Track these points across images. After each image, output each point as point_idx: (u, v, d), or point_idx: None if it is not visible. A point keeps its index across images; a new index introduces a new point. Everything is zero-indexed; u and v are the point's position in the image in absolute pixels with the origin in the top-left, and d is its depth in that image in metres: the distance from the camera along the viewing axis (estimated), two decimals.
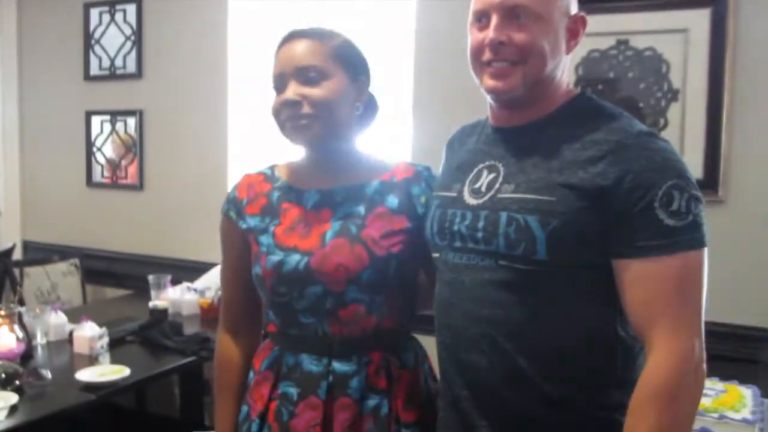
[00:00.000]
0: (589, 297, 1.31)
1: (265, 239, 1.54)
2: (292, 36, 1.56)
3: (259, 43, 3.88)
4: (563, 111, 1.40)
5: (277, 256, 1.51)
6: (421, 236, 1.52)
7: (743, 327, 2.65)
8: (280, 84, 1.53)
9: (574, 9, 1.39)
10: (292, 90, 1.50)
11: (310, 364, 1.51)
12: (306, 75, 1.50)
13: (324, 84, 1.49)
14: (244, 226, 1.59)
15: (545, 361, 1.32)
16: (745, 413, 2.12)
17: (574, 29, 1.39)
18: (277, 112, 1.54)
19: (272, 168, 1.67)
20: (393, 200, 1.56)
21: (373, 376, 1.51)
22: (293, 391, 1.51)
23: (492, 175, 1.40)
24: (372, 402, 1.50)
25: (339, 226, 1.52)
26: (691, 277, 1.24)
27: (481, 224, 1.36)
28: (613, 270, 1.28)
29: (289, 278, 1.49)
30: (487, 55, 1.36)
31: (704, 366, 1.24)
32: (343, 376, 1.49)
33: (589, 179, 1.27)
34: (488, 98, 1.44)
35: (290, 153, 1.65)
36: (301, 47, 1.52)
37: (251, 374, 1.62)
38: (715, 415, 2.10)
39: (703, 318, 1.26)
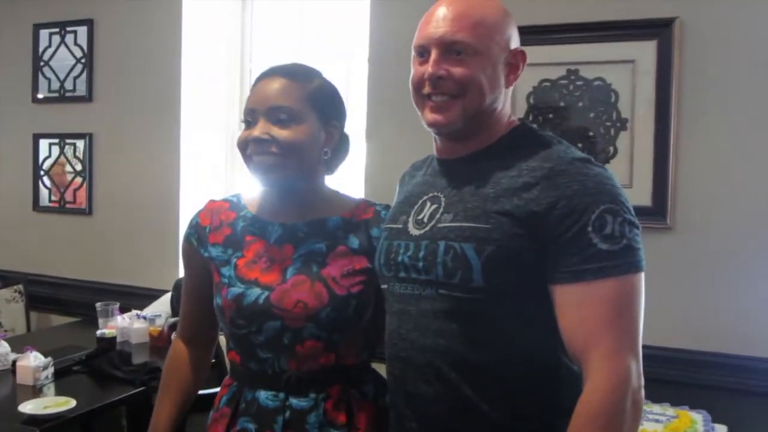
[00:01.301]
0: (528, 324, 1.32)
1: (226, 271, 1.55)
2: (271, 72, 1.56)
3: (213, 65, 3.88)
4: (503, 141, 1.43)
5: (238, 289, 1.51)
6: None
7: (693, 352, 2.69)
8: (250, 119, 1.53)
9: (514, 44, 1.43)
10: (261, 128, 1.50)
11: (266, 399, 1.51)
12: (277, 115, 1.50)
13: (293, 127, 1.50)
14: (206, 254, 1.59)
15: (490, 390, 1.32)
16: None
17: (514, 63, 1.43)
18: (243, 146, 1.53)
19: (238, 196, 1.67)
20: (354, 240, 1.58)
21: (331, 411, 1.50)
22: (251, 426, 1.51)
23: (434, 206, 1.43)
24: None
25: (300, 263, 1.53)
26: (626, 301, 1.24)
27: (421, 254, 1.38)
28: (550, 295, 1.29)
29: (249, 311, 1.49)
30: (426, 89, 1.40)
31: (642, 392, 1.23)
32: (300, 412, 1.49)
33: (522, 206, 1.29)
34: (431, 131, 1.45)
35: (243, 181, 1.65)
36: (276, 86, 1.52)
37: (210, 411, 1.62)
38: None
39: (640, 343, 1.25)
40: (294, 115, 1.50)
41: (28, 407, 2.28)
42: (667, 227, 2.73)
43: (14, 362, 2.70)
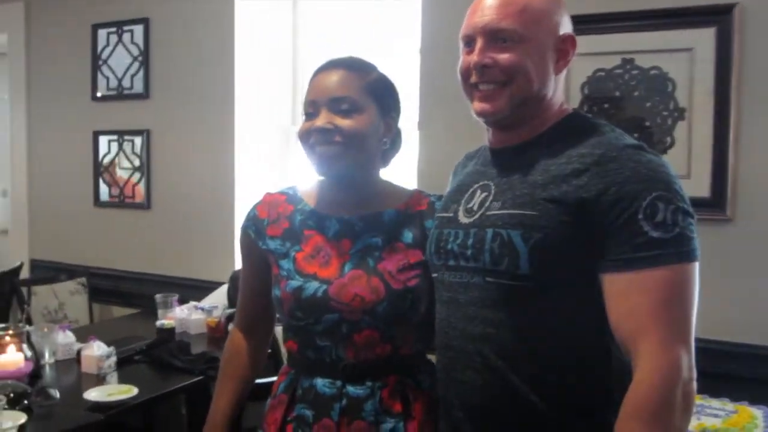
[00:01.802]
0: (576, 314, 1.31)
1: (285, 264, 1.57)
2: (330, 65, 1.58)
3: (266, 63, 3.92)
4: (555, 130, 1.42)
5: (297, 282, 1.54)
6: None
7: (753, 346, 2.62)
8: (311, 111, 1.55)
9: (563, 30, 1.41)
10: (324, 118, 1.52)
11: (323, 386, 1.53)
12: (339, 106, 1.52)
13: (355, 116, 1.52)
14: (264, 246, 1.62)
15: (537, 380, 1.31)
16: None
17: (564, 49, 1.41)
18: (306, 136, 1.55)
19: (294, 189, 1.70)
20: (408, 234, 1.59)
21: (387, 399, 1.52)
22: (308, 413, 1.53)
23: (484, 194, 1.43)
24: (387, 425, 1.51)
25: (357, 257, 1.55)
26: (677, 290, 1.22)
27: (470, 242, 1.38)
28: (599, 285, 1.27)
29: (307, 304, 1.52)
30: (473, 78, 1.40)
31: (693, 384, 1.21)
32: (357, 399, 1.51)
33: (571, 192, 1.28)
34: (481, 121, 1.45)
35: (297, 173, 1.67)
36: (336, 77, 1.55)
37: (268, 399, 1.65)
38: None
39: (692, 334, 1.23)
40: (355, 105, 1.52)
41: (92, 394, 2.36)
42: (726, 219, 2.67)
43: (79, 351, 2.78)
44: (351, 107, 1.52)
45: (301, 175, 3.88)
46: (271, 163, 4.03)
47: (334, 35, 3.92)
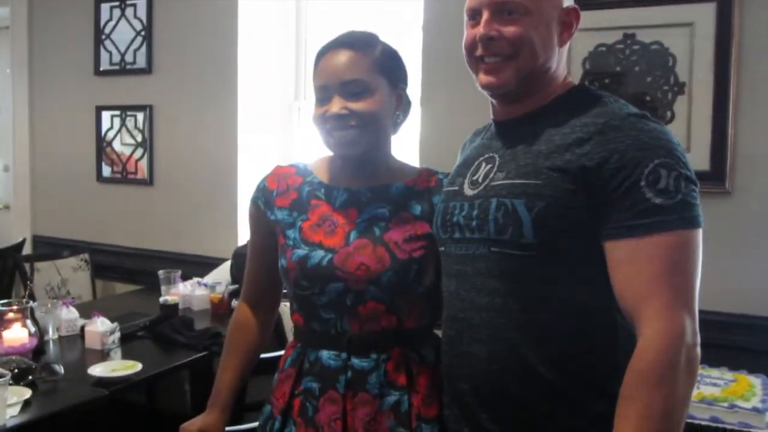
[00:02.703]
0: (582, 283, 1.32)
1: (291, 233, 1.58)
2: (334, 45, 1.57)
3: (269, 38, 3.91)
4: (558, 101, 1.42)
5: (302, 251, 1.55)
6: None
7: (752, 317, 2.65)
8: (323, 96, 1.55)
9: (567, 2, 1.41)
10: (338, 104, 1.52)
11: (329, 359, 1.54)
12: (350, 89, 1.52)
13: (368, 98, 1.53)
14: (272, 217, 1.63)
15: (545, 350, 1.32)
16: (755, 402, 2.15)
17: (568, 21, 1.41)
18: (321, 122, 1.55)
19: (305, 164, 1.70)
20: (416, 207, 1.60)
21: (392, 372, 1.53)
22: (315, 385, 1.55)
23: (488, 166, 1.43)
24: (392, 398, 1.52)
25: (364, 226, 1.56)
26: (680, 257, 1.22)
27: (475, 213, 1.38)
28: (603, 253, 1.27)
29: (313, 273, 1.53)
30: (479, 51, 1.40)
31: (697, 349, 1.21)
32: (361, 372, 1.52)
33: (574, 161, 1.28)
34: (486, 94, 1.46)
35: (301, 148, 1.68)
36: (344, 59, 1.54)
37: (276, 374, 1.66)
38: (725, 404, 2.12)
39: (696, 300, 1.23)
40: (367, 87, 1.52)
41: (97, 370, 2.38)
42: (725, 191, 2.68)
43: (83, 327, 2.80)
44: (363, 89, 1.52)
45: (305, 150, 3.89)
46: (274, 138, 4.03)
47: (338, 9, 3.90)
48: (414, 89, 3.20)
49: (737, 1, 2.63)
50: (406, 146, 3.30)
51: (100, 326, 2.70)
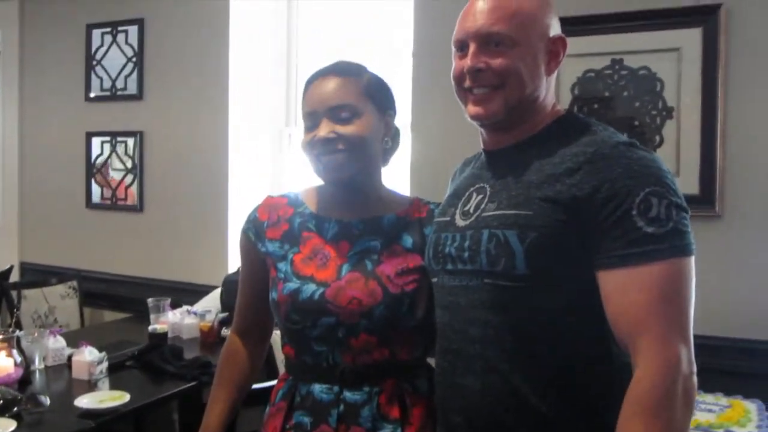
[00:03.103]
0: (576, 313, 1.31)
1: (283, 266, 1.57)
2: (322, 73, 1.58)
3: (260, 65, 3.92)
4: (548, 130, 1.42)
5: (293, 284, 1.53)
6: None
7: (745, 341, 2.65)
8: (311, 122, 1.55)
9: (553, 31, 1.42)
10: (326, 127, 1.52)
11: (321, 392, 1.53)
12: (339, 113, 1.53)
13: (356, 122, 1.53)
14: (263, 249, 1.62)
15: (539, 382, 1.31)
16: (751, 428, 2.14)
17: (555, 51, 1.42)
18: (309, 148, 1.55)
19: (296, 193, 1.70)
20: (408, 239, 1.59)
21: (385, 405, 1.51)
22: (306, 420, 1.53)
23: (480, 197, 1.43)
24: (385, 431, 1.50)
25: (355, 260, 1.55)
26: (675, 285, 1.21)
27: (467, 244, 1.38)
28: (597, 283, 1.27)
29: (304, 307, 1.51)
30: (467, 82, 1.41)
31: (694, 378, 1.20)
32: (354, 405, 1.50)
33: (565, 191, 1.28)
34: (475, 124, 1.46)
35: (291, 176, 1.67)
36: (332, 85, 1.55)
37: (267, 407, 1.64)
38: (721, 430, 2.11)
39: (691, 328, 1.22)
40: (355, 111, 1.53)
41: (84, 401, 2.33)
42: (715, 215, 2.68)
43: (70, 357, 2.76)
44: (351, 113, 1.53)
45: (296, 177, 3.89)
46: (265, 165, 4.03)
47: (328, 37, 3.92)
48: (405, 116, 3.24)
49: (722, 27, 2.65)
50: (397, 173, 3.30)
51: (88, 356, 2.67)
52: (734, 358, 2.62)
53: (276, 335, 1.83)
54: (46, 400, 2.29)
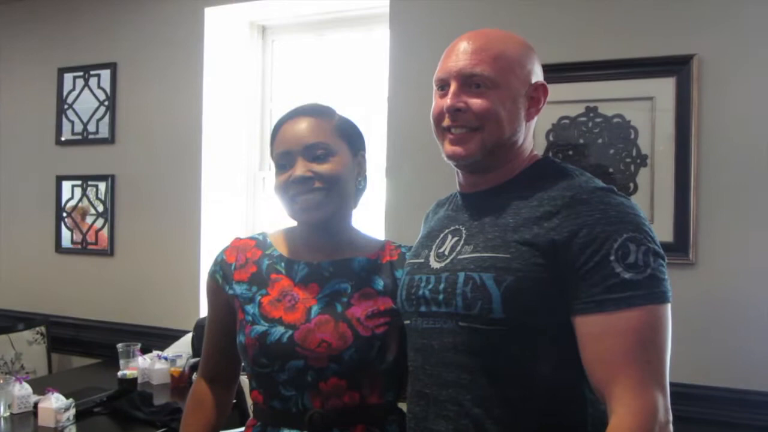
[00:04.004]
0: (552, 359, 1.30)
1: (250, 308, 1.55)
2: (294, 114, 1.59)
3: (233, 108, 3.92)
4: (525, 174, 1.43)
5: (261, 327, 1.51)
6: None
7: (716, 389, 2.65)
8: (286, 161, 1.55)
9: (535, 78, 1.43)
10: (302, 167, 1.52)
11: None
12: (313, 152, 1.53)
13: (332, 160, 1.53)
14: (230, 291, 1.59)
15: (514, 426, 1.29)
16: None
17: (536, 97, 1.43)
18: (284, 189, 1.54)
19: (264, 234, 1.68)
20: (379, 281, 1.58)
21: None
22: None
23: (455, 239, 1.43)
24: None
25: (325, 302, 1.53)
26: (651, 332, 1.21)
27: (441, 286, 1.37)
28: (573, 329, 1.26)
29: (272, 350, 1.49)
30: (446, 122, 1.42)
31: (670, 426, 1.20)
32: None
33: (543, 234, 1.28)
34: (452, 165, 1.46)
35: (264, 219, 1.66)
36: (305, 125, 1.55)
37: None
38: None
39: (667, 376, 1.22)
40: (329, 149, 1.53)
41: None
42: (689, 262, 2.71)
43: (36, 404, 2.69)
44: (326, 152, 1.53)
45: (269, 221, 3.87)
46: (238, 209, 4.00)
47: (303, 81, 3.94)
48: (380, 160, 3.25)
49: (695, 76, 2.70)
50: (372, 217, 3.30)
51: (54, 402, 2.60)
52: (704, 406, 2.63)
53: (244, 379, 1.80)
54: None
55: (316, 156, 1.52)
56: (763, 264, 2.63)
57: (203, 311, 3.66)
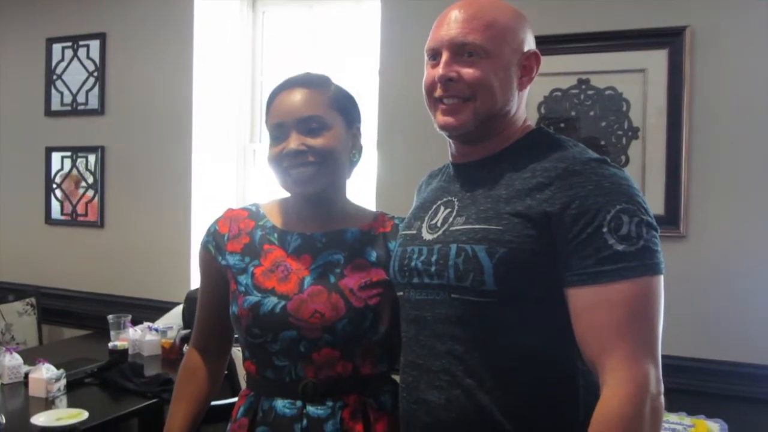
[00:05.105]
0: (544, 331, 1.30)
1: (243, 279, 1.54)
2: (289, 85, 1.56)
3: (224, 80, 3.89)
4: (518, 145, 1.42)
5: (254, 297, 1.51)
6: None
7: (709, 361, 2.67)
8: (279, 133, 1.53)
9: (527, 46, 1.42)
10: (296, 140, 1.50)
11: (283, 407, 1.50)
12: (308, 125, 1.51)
13: (326, 134, 1.51)
14: (223, 262, 1.59)
15: (504, 399, 1.29)
16: None
17: (528, 65, 1.42)
18: (278, 161, 1.53)
19: (257, 205, 1.68)
20: (372, 252, 1.58)
21: (348, 420, 1.49)
22: None
23: (447, 210, 1.42)
24: None
25: (318, 273, 1.53)
26: (644, 304, 1.21)
27: (434, 258, 1.36)
28: (566, 300, 1.26)
29: (265, 320, 1.49)
30: (438, 92, 1.40)
31: (661, 398, 1.20)
32: (317, 420, 1.48)
33: (535, 206, 1.27)
34: (444, 135, 1.45)
35: (255, 191, 1.65)
36: (300, 97, 1.53)
37: (228, 424, 1.61)
38: None
39: (659, 348, 1.22)
40: (324, 123, 1.51)
41: (40, 419, 2.29)
42: (680, 235, 2.72)
43: (27, 374, 2.69)
44: (320, 125, 1.51)
45: (260, 192, 3.86)
46: (229, 181, 3.99)
47: (293, 53, 3.91)
48: (371, 132, 3.24)
49: (687, 49, 2.69)
50: (363, 190, 3.29)
51: (45, 373, 2.60)
52: (698, 378, 2.65)
53: (237, 350, 1.80)
54: (2, 419, 2.24)
55: (310, 129, 1.51)
56: (752, 237, 2.65)
57: (194, 283, 3.66)
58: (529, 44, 1.42)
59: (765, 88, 2.63)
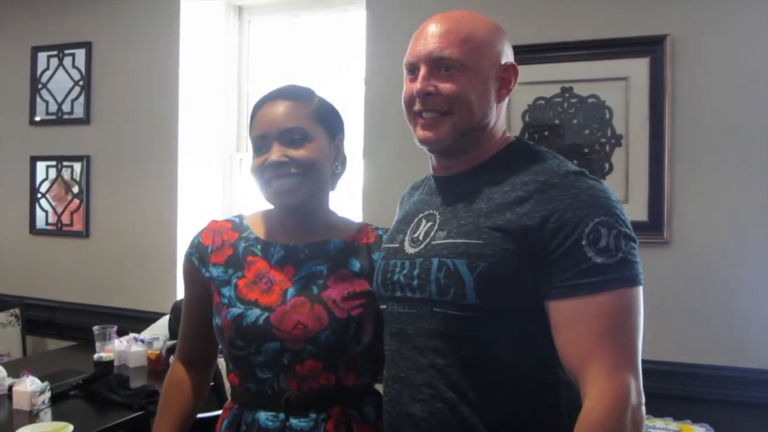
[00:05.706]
0: (525, 344, 1.30)
1: (227, 291, 1.54)
2: (272, 97, 1.57)
3: (210, 89, 3.89)
4: (498, 157, 1.43)
5: (237, 309, 1.51)
6: None
7: (693, 365, 2.69)
8: (262, 145, 1.54)
9: (505, 59, 1.42)
10: (278, 151, 1.51)
11: (266, 420, 1.50)
12: (290, 137, 1.52)
13: (308, 145, 1.52)
14: (206, 274, 1.59)
15: (487, 411, 1.30)
16: None
17: (506, 78, 1.43)
18: (260, 172, 1.53)
19: (241, 217, 1.68)
20: (355, 263, 1.58)
21: None
22: None
23: (429, 224, 1.43)
24: None
25: (301, 284, 1.53)
26: (623, 316, 1.22)
27: (416, 272, 1.37)
28: (546, 313, 1.27)
29: (248, 332, 1.49)
30: (417, 106, 1.41)
31: (642, 409, 1.20)
32: None
33: (515, 220, 1.28)
34: (425, 149, 1.46)
35: (241, 201, 1.65)
36: (282, 109, 1.54)
37: None
38: None
39: (639, 359, 1.23)
40: (306, 134, 1.52)
41: None
42: (663, 241, 2.73)
43: (10, 387, 2.68)
44: (302, 137, 1.52)
45: (246, 203, 3.85)
46: (215, 190, 3.98)
47: (280, 62, 3.92)
48: (357, 142, 3.24)
49: (668, 57, 2.72)
50: (349, 200, 3.30)
51: (29, 386, 2.58)
52: (682, 383, 2.66)
53: (221, 363, 1.80)
54: None
55: (292, 140, 1.51)
56: (735, 241, 2.67)
57: (180, 293, 3.64)
58: (507, 56, 1.43)
59: (744, 94, 2.66)
